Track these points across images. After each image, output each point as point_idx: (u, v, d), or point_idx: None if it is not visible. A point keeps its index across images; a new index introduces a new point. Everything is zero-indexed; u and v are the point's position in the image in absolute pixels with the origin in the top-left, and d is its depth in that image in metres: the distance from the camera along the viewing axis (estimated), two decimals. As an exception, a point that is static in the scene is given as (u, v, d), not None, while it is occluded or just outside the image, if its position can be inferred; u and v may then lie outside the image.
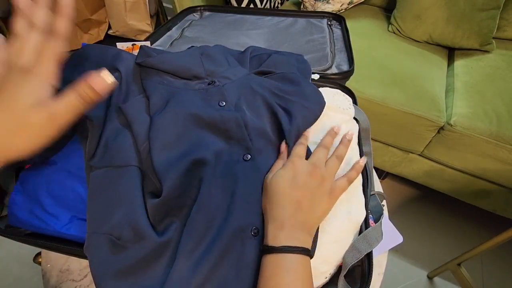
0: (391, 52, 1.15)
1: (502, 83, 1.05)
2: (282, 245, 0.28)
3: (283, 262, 0.28)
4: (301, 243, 0.29)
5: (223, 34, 0.69)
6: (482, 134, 0.92)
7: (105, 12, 1.17)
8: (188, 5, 0.90)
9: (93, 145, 0.36)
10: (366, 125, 0.46)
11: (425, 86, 1.03)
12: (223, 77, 0.42)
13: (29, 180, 0.36)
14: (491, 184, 1.03)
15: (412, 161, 1.12)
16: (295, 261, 0.28)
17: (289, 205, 0.30)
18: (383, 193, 0.44)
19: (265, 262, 0.28)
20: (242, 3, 1.16)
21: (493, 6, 1.06)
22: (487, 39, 1.12)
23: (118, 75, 0.40)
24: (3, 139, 0.24)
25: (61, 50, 0.27)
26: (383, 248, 0.54)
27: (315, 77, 0.55)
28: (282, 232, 0.29)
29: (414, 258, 1.13)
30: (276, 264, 0.28)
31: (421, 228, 1.21)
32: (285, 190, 0.31)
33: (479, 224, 1.22)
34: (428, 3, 1.12)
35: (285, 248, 0.28)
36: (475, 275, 1.07)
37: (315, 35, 0.68)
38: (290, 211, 0.30)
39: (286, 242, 0.28)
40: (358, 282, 0.34)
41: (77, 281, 0.48)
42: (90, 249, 0.32)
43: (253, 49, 0.53)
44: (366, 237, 0.33)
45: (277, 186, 0.31)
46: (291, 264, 0.28)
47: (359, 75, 0.97)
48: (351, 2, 1.30)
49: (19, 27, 0.27)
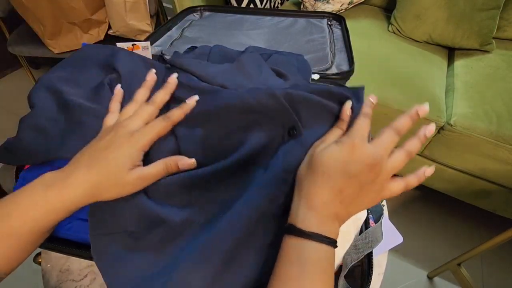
0: (391, 52, 1.15)
1: (502, 83, 1.05)
2: (312, 231, 0.25)
3: (309, 250, 0.25)
4: (331, 234, 0.26)
5: (223, 34, 0.69)
6: (482, 134, 0.92)
7: (105, 12, 1.17)
8: (188, 5, 0.90)
9: None
10: (366, 125, 0.46)
11: (425, 86, 1.03)
12: None
13: (29, 180, 0.36)
14: (491, 184, 1.03)
15: (412, 161, 1.11)
16: (323, 252, 0.25)
17: (331, 191, 0.26)
18: (383, 193, 0.44)
19: (288, 245, 0.26)
20: (242, 3, 1.16)
21: (493, 6, 1.06)
22: (487, 39, 1.12)
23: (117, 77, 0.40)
24: (100, 190, 0.28)
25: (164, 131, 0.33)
26: (383, 248, 0.54)
27: (315, 77, 0.55)
28: (314, 217, 0.26)
29: (414, 258, 1.13)
30: (303, 250, 0.25)
31: (421, 228, 1.21)
32: (333, 173, 0.27)
33: (479, 224, 1.22)
34: (428, 3, 1.12)
35: (314, 235, 0.25)
36: (475, 275, 1.07)
37: (315, 35, 0.68)
38: (330, 197, 0.26)
39: (318, 229, 0.26)
40: (358, 282, 0.34)
41: (77, 281, 0.48)
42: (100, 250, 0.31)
43: (253, 49, 0.52)
44: (366, 237, 0.33)
45: (326, 164, 0.27)
46: (319, 254, 0.25)
47: (359, 75, 0.96)
48: (351, 2, 1.30)
49: (140, 97, 0.35)
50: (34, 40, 1.21)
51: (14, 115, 1.62)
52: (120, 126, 0.31)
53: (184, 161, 0.31)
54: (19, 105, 1.66)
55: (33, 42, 1.22)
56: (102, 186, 0.28)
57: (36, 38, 1.20)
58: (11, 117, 1.61)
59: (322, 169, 0.27)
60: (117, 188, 0.29)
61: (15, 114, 1.63)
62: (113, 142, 0.30)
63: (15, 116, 1.60)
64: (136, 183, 0.30)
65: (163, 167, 0.31)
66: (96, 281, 0.48)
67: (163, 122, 0.32)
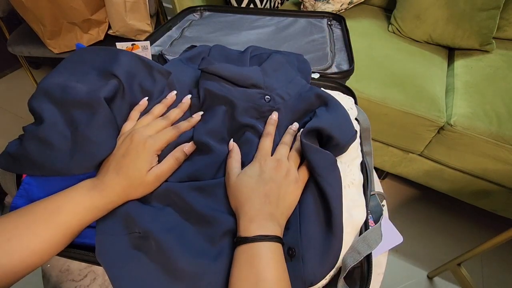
0: (391, 52, 1.15)
1: (502, 83, 1.04)
2: (254, 235, 0.30)
3: (255, 250, 0.29)
4: (272, 232, 0.30)
5: (223, 34, 0.69)
6: (482, 134, 0.92)
7: (105, 12, 1.17)
8: (188, 5, 0.90)
9: None
10: (367, 125, 0.46)
11: (425, 86, 1.03)
12: (278, 94, 0.43)
13: (35, 185, 0.36)
14: (491, 184, 1.03)
15: (412, 161, 1.12)
16: (267, 248, 0.29)
17: (258, 199, 0.32)
18: (383, 193, 0.44)
19: (238, 253, 0.30)
20: (242, 3, 1.16)
21: (493, 6, 1.06)
22: (487, 39, 1.12)
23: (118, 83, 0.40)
24: (130, 190, 0.34)
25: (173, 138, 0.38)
26: (383, 248, 0.54)
27: (315, 76, 0.55)
28: (252, 224, 0.31)
29: (414, 258, 1.13)
30: (249, 252, 0.29)
31: (421, 228, 1.21)
32: (253, 186, 0.33)
33: (479, 224, 1.22)
34: (428, 3, 1.12)
35: (257, 237, 0.29)
36: (475, 275, 1.07)
37: (315, 35, 0.68)
38: (259, 204, 0.32)
39: (257, 232, 0.30)
40: (358, 283, 0.34)
41: (77, 281, 0.48)
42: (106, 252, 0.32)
43: (253, 49, 0.53)
44: (366, 239, 0.33)
45: (245, 183, 0.34)
46: (264, 251, 0.29)
47: (359, 75, 0.97)
48: (351, 2, 1.30)
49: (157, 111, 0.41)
50: (34, 40, 1.21)
51: (14, 115, 1.62)
52: (136, 133, 0.36)
53: (188, 146, 0.37)
54: (19, 105, 1.66)
55: (33, 42, 1.22)
56: (130, 187, 0.33)
57: (36, 38, 1.20)
58: (11, 117, 1.61)
59: (246, 189, 0.33)
60: (141, 188, 0.34)
61: (15, 114, 1.63)
62: (131, 150, 0.35)
63: (15, 116, 1.61)
64: (156, 181, 0.35)
65: (173, 160, 0.36)
66: (96, 281, 0.48)
67: (173, 131, 0.38)
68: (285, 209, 0.33)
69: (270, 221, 0.31)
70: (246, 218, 0.31)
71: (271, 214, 0.32)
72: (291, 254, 0.32)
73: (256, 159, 0.37)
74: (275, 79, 0.45)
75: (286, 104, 0.43)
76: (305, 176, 0.36)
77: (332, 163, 0.35)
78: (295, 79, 0.46)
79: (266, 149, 0.37)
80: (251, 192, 0.33)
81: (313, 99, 0.42)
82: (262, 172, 0.34)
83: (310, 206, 0.34)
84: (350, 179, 0.38)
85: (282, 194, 0.33)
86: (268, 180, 0.34)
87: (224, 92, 0.41)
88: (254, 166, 0.36)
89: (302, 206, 0.35)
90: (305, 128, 0.37)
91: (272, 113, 0.41)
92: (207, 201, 0.35)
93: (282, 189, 0.34)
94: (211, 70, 0.42)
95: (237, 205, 0.33)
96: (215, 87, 0.42)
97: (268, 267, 0.28)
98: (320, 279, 0.31)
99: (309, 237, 0.32)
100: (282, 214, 0.33)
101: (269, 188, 0.33)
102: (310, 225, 0.33)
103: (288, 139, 0.39)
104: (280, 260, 0.29)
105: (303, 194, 0.35)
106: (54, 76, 0.40)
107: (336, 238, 0.32)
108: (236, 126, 0.41)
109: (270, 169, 0.35)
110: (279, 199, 0.33)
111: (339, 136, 0.36)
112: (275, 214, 0.32)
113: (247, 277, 0.28)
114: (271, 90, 0.43)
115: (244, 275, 0.28)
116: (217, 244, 0.32)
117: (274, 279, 0.28)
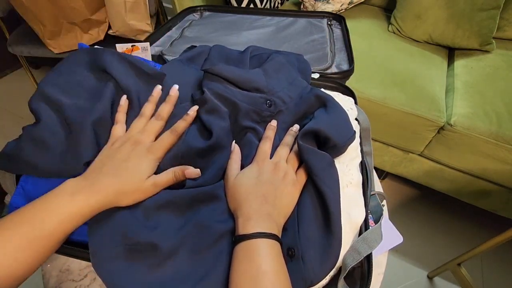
0: (391, 52, 1.15)
1: (502, 83, 1.04)
2: (251, 232, 0.30)
3: (253, 247, 0.29)
4: (269, 230, 0.31)
5: (223, 34, 0.69)
6: (482, 134, 0.92)
7: (105, 12, 1.17)
8: (188, 5, 0.90)
9: None
10: (367, 125, 0.46)
11: (425, 86, 1.03)
12: (279, 97, 0.43)
13: (30, 183, 0.36)
14: (491, 184, 1.03)
15: (412, 161, 1.12)
16: (265, 245, 0.30)
17: (255, 200, 0.33)
18: (383, 193, 0.44)
19: (237, 250, 0.30)
20: (242, 3, 1.16)
21: (493, 6, 1.06)
22: (487, 39, 1.12)
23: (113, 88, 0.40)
24: (121, 196, 0.32)
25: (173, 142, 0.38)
26: (383, 248, 0.54)
27: (315, 76, 0.55)
28: (250, 222, 0.31)
29: (414, 258, 1.13)
30: (247, 249, 0.30)
31: (421, 228, 1.21)
32: (251, 187, 0.34)
33: (479, 224, 1.22)
34: (428, 3, 1.12)
35: (254, 235, 0.30)
36: (475, 275, 1.07)
37: (315, 35, 0.68)
38: (257, 205, 0.32)
39: (255, 230, 0.30)
40: (358, 283, 0.34)
41: (77, 281, 0.48)
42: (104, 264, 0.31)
43: (253, 49, 0.52)
44: (366, 239, 0.33)
45: (243, 185, 0.34)
46: (262, 247, 0.29)
47: (359, 75, 0.97)
48: (351, 2, 1.30)
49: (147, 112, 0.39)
50: (34, 40, 1.21)
51: (14, 115, 1.62)
52: (137, 142, 0.36)
53: (190, 170, 0.36)
54: (19, 105, 1.66)
55: (33, 42, 1.22)
56: (123, 192, 0.33)
57: (36, 38, 1.19)
58: (11, 117, 1.61)
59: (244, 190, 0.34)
60: (134, 194, 0.33)
61: (15, 114, 1.63)
62: (132, 155, 0.35)
63: (15, 116, 1.60)
64: (150, 189, 0.34)
65: (172, 175, 0.35)
66: (96, 281, 0.48)
67: (171, 136, 0.38)
68: (282, 210, 0.34)
69: (268, 220, 0.31)
70: (244, 217, 0.32)
71: (268, 214, 0.32)
72: (291, 255, 0.32)
73: (255, 161, 0.37)
74: (277, 81, 0.45)
75: (288, 107, 0.43)
76: (303, 178, 0.36)
77: (329, 164, 0.35)
78: (296, 80, 0.46)
79: (265, 152, 0.38)
80: (249, 193, 0.33)
81: (313, 100, 0.42)
82: (260, 174, 0.35)
83: (308, 207, 0.34)
84: (349, 179, 0.38)
85: (279, 195, 0.34)
86: (266, 181, 0.34)
87: (228, 93, 0.41)
88: (252, 168, 0.36)
89: (300, 207, 0.35)
90: (302, 130, 0.37)
91: (272, 120, 0.42)
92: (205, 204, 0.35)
93: (279, 190, 0.34)
94: (215, 71, 0.42)
95: (235, 205, 0.34)
96: (220, 89, 0.41)
97: (267, 261, 0.29)
98: (321, 278, 0.31)
99: (308, 237, 0.32)
100: (280, 214, 0.33)
101: (266, 189, 0.34)
102: (308, 226, 0.33)
103: (288, 140, 0.40)
104: (278, 255, 0.30)
105: (301, 196, 0.36)
106: (52, 77, 0.41)
107: (335, 237, 0.32)
108: (238, 128, 0.41)
109: (268, 171, 0.35)
110: (276, 199, 0.33)
111: (337, 137, 0.36)
112: (273, 214, 0.32)
113: (247, 271, 0.28)
114: (273, 93, 0.43)
115: (244, 270, 0.28)
116: (216, 244, 0.32)
117: (274, 271, 0.28)
